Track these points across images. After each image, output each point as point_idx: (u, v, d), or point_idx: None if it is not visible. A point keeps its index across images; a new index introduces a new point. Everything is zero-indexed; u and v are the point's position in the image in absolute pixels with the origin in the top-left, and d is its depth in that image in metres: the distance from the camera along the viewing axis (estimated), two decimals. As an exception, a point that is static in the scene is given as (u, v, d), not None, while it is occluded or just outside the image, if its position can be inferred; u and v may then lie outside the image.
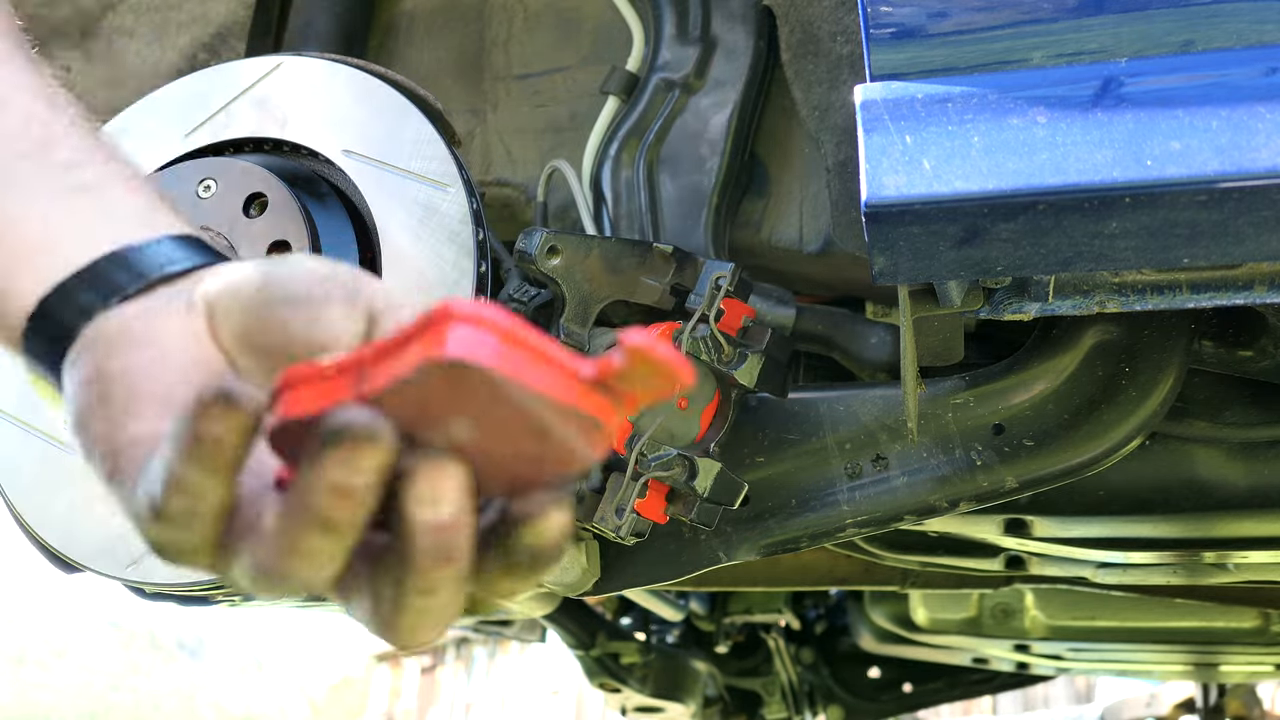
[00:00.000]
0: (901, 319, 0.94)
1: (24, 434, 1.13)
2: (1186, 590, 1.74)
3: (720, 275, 1.14)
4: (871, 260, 0.78)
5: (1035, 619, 2.20)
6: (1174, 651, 2.31)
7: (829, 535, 1.20)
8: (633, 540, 1.11)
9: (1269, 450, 1.30)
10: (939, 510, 1.17)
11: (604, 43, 1.43)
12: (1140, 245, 0.76)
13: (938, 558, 1.63)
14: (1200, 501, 1.32)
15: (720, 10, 1.34)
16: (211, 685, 21.37)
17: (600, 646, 2.37)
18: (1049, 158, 0.75)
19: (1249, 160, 0.73)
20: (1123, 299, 0.90)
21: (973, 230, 0.76)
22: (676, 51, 1.33)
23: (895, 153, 0.77)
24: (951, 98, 0.79)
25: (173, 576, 1.07)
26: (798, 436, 1.20)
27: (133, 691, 19.36)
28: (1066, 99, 0.78)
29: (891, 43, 0.82)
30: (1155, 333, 1.14)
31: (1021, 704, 7.45)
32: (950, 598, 2.18)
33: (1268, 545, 1.44)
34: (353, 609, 0.51)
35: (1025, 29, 0.81)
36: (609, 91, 1.34)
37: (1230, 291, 0.87)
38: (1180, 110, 0.75)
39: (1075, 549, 1.49)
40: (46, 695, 16.99)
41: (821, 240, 1.29)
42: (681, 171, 1.30)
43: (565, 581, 1.24)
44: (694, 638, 2.64)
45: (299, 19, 1.49)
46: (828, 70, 1.23)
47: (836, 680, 2.78)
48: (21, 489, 1.13)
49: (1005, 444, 1.16)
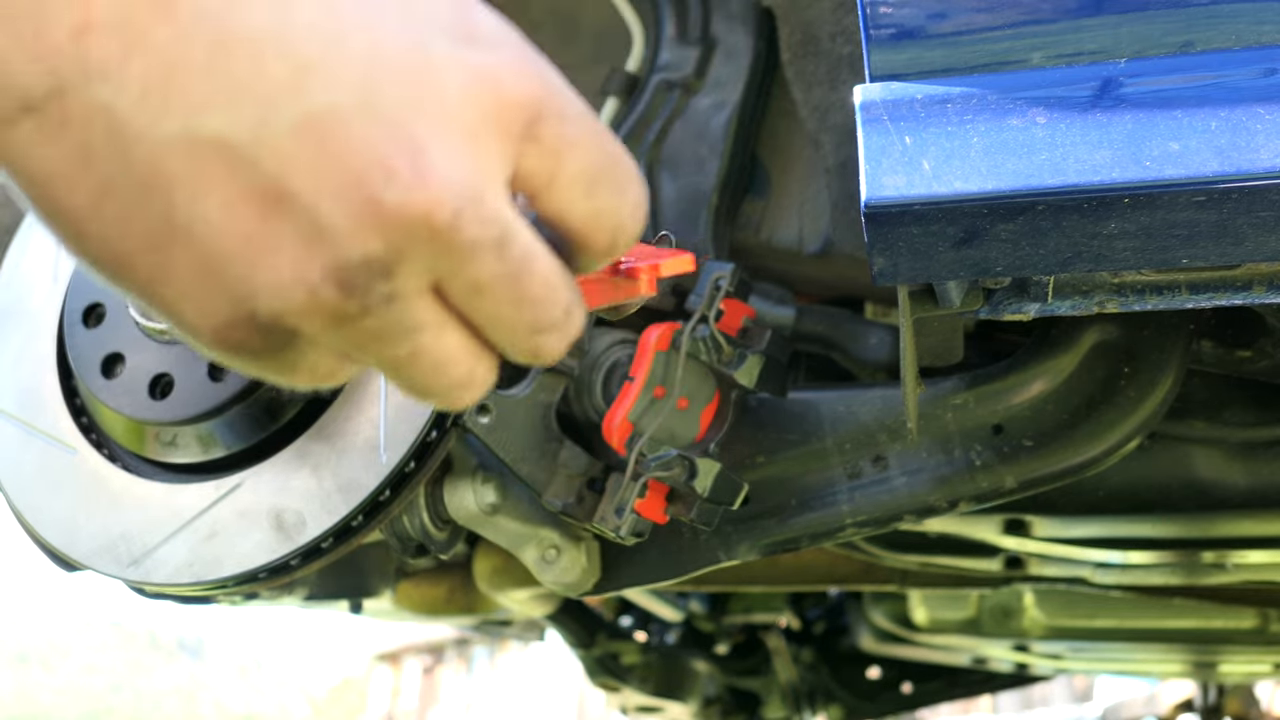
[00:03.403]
0: (901, 319, 0.94)
1: (25, 434, 1.14)
2: (1185, 590, 1.74)
3: (720, 276, 1.14)
4: (871, 260, 0.79)
5: (1034, 619, 2.20)
6: (1173, 651, 2.32)
7: (829, 535, 1.20)
8: (633, 540, 1.12)
9: (1268, 450, 1.30)
10: (938, 510, 1.18)
11: (604, 44, 1.44)
12: (1139, 246, 0.76)
13: (937, 558, 1.63)
14: (1199, 501, 1.32)
15: (720, 11, 1.34)
16: (212, 684, 21.41)
17: (600, 646, 2.37)
18: (1048, 158, 0.76)
19: (1248, 161, 0.73)
20: (1122, 299, 0.90)
21: (972, 231, 0.76)
22: (676, 52, 1.33)
23: (895, 153, 0.78)
24: (951, 98, 0.79)
25: (173, 576, 1.07)
26: (798, 436, 1.20)
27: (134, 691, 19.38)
28: (1066, 100, 0.78)
29: (891, 43, 0.82)
30: (1154, 333, 1.14)
31: (1021, 704, 7.46)
32: (950, 598, 2.18)
33: (1267, 545, 1.45)
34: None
35: (1025, 29, 0.82)
36: (609, 92, 1.34)
37: (1229, 292, 0.88)
38: (1179, 111, 0.76)
39: (1075, 549, 1.49)
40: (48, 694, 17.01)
41: (821, 241, 1.29)
42: (681, 172, 1.30)
43: (565, 581, 1.25)
44: (694, 638, 2.64)
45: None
46: (828, 71, 1.23)
47: (836, 680, 2.78)
48: (22, 488, 1.13)
49: (1004, 444, 1.16)
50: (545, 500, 1.11)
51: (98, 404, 1.11)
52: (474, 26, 0.45)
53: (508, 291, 0.46)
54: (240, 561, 1.06)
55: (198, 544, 1.07)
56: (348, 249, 0.42)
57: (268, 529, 1.05)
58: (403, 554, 1.23)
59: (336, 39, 0.41)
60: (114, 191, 0.41)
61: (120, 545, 1.09)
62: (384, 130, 0.42)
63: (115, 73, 0.39)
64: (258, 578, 1.07)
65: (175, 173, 0.41)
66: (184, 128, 0.40)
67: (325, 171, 0.41)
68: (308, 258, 0.42)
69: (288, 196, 0.41)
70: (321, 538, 1.05)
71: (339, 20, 0.42)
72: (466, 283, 0.45)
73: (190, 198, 0.41)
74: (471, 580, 1.72)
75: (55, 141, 0.40)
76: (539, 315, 0.47)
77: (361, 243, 0.42)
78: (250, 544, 1.05)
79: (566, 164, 0.47)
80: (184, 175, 0.41)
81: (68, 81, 0.39)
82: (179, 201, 0.41)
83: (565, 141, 0.46)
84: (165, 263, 0.42)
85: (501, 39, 0.46)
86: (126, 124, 0.40)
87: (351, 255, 0.42)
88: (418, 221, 0.42)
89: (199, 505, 1.07)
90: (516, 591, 1.74)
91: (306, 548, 1.05)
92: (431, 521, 1.22)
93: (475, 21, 0.45)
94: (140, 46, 0.39)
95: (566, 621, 2.30)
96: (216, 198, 0.41)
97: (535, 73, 0.46)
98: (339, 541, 1.06)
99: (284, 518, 1.05)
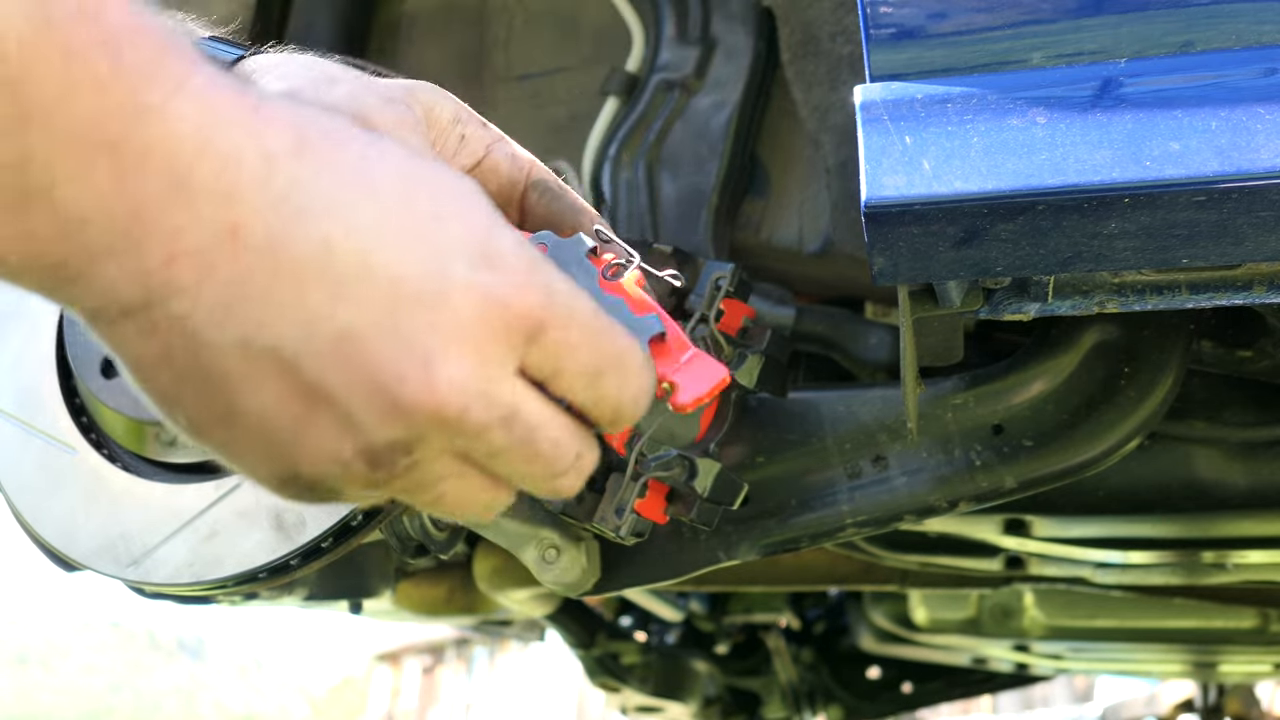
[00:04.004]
0: (901, 319, 0.94)
1: (25, 433, 1.14)
2: (1185, 590, 1.74)
3: (720, 276, 1.14)
4: (871, 260, 0.79)
5: (1034, 619, 2.20)
6: (1173, 651, 2.32)
7: (829, 535, 1.20)
8: (633, 540, 1.11)
9: (1268, 450, 1.30)
10: (938, 510, 1.17)
11: (604, 44, 1.44)
12: (1139, 246, 0.76)
13: (937, 558, 1.63)
14: (1199, 501, 1.32)
15: (720, 11, 1.34)
16: (212, 685, 21.41)
17: (600, 646, 2.37)
18: (1048, 158, 0.75)
19: (1248, 161, 0.73)
20: (1122, 299, 0.90)
21: (972, 230, 0.76)
22: (676, 52, 1.33)
23: (895, 153, 0.77)
24: (951, 98, 0.79)
25: (173, 576, 1.07)
26: (798, 436, 1.20)
27: (133, 691, 19.37)
28: (1066, 99, 0.78)
29: (891, 43, 0.82)
30: (1154, 333, 1.14)
31: (1021, 704, 7.46)
32: (950, 598, 2.18)
33: (1266, 545, 1.45)
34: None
35: (1025, 29, 0.82)
36: (609, 92, 1.34)
37: (1229, 292, 0.87)
38: (1179, 111, 0.76)
39: (1075, 549, 1.49)
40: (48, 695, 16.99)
41: (821, 240, 1.29)
42: (681, 172, 1.30)
43: (565, 581, 1.25)
44: (694, 638, 2.64)
45: (300, 20, 1.49)
46: (828, 71, 1.23)
47: (836, 680, 2.78)
48: (22, 488, 1.13)
49: (1004, 444, 1.16)
50: (545, 500, 1.11)
51: (97, 404, 1.11)
52: (492, 249, 0.55)
53: (519, 453, 0.57)
54: (240, 561, 1.06)
55: (198, 544, 1.07)
56: (374, 436, 0.53)
57: (268, 529, 1.05)
58: (403, 554, 1.23)
59: (368, 271, 0.52)
60: (190, 381, 0.52)
61: (120, 545, 1.09)
62: (403, 346, 0.52)
63: (190, 294, 0.50)
64: (258, 577, 1.07)
65: (236, 372, 0.52)
66: (243, 339, 0.51)
67: (356, 378, 0.52)
68: (342, 440, 0.53)
69: (325, 395, 0.52)
70: (321, 537, 1.05)
71: (372, 254, 0.52)
72: (481, 451, 0.56)
73: (248, 392, 0.52)
74: (471, 580, 1.73)
75: (146, 339, 0.51)
76: (550, 466, 0.58)
77: (386, 431, 0.53)
78: (250, 544, 1.05)
79: (567, 364, 0.57)
80: (243, 375, 0.52)
81: (155, 297, 0.50)
82: (239, 393, 0.52)
83: (566, 346, 0.57)
84: (231, 435, 0.54)
85: (514, 260, 0.55)
86: (198, 332, 0.51)
87: (377, 440, 0.53)
88: (431, 416, 0.53)
89: (199, 505, 1.07)
90: (516, 591, 1.74)
91: (306, 548, 1.05)
92: (431, 521, 1.22)
93: (494, 244, 0.55)
94: (211, 276, 0.50)
95: (566, 621, 2.30)
96: (269, 392, 0.52)
97: (542, 288, 0.56)
98: (339, 541, 1.06)
99: (284, 517, 1.05)
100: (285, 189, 0.50)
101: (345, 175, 0.52)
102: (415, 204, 0.54)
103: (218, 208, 0.49)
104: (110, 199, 0.48)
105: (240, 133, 0.50)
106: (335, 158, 0.52)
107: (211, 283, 0.50)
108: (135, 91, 0.48)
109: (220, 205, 0.49)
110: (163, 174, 0.48)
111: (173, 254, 0.49)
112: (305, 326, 0.51)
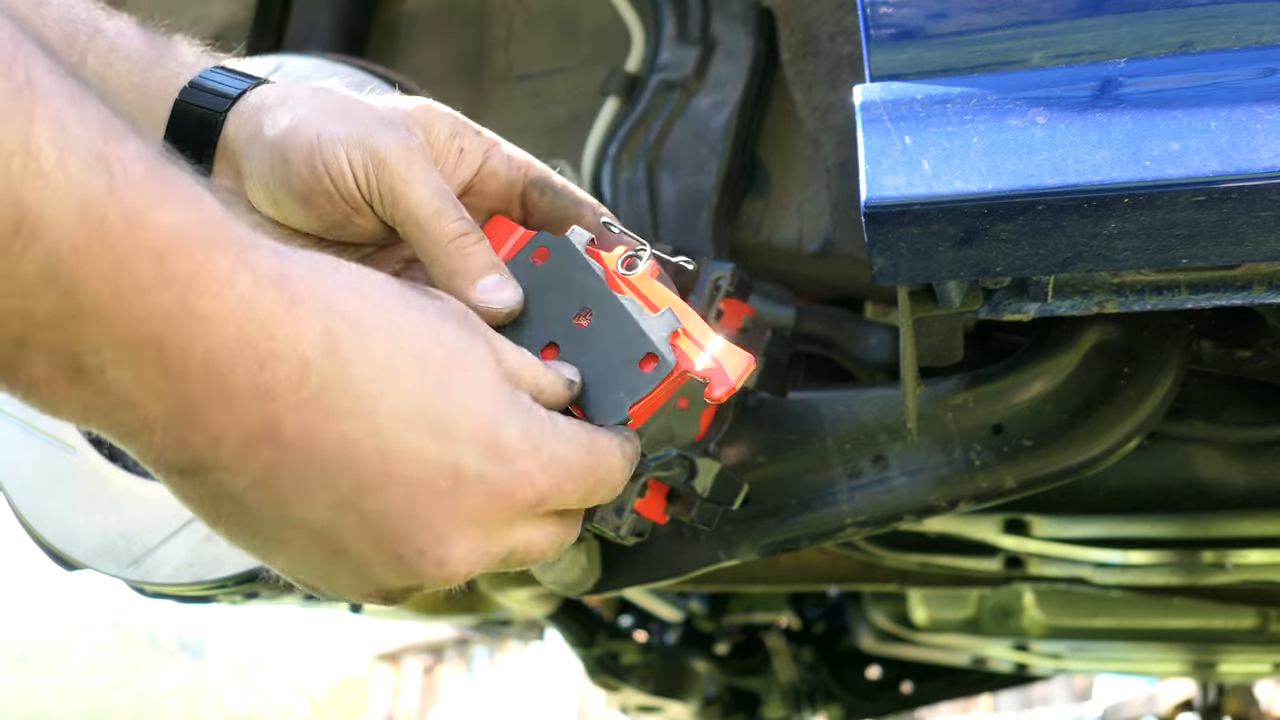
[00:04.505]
0: (901, 319, 0.94)
1: (25, 433, 1.14)
2: (1185, 590, 1.74)
3: (720, 275, 1.14)
4: (871, 260, 0.79)
5: (1034, 619, 2.20)
6: (1173, 651, 2.32)
7: (829, 535, 1.20)
8: (633, 540, 1.11)
9: (1268, 450, 1.30)
10: (938, 510, 1.18)
11: (604, 44, 1.44)
12: (1139, 246, 0.76)
13: (937, 557, 1.63)
14: (1199, 501, 1.32)
15: (720, 11, 1.34)
16: (212, 684, 21.38)
17: (600, 646, 2.37)
18: (1048, 158, 0.76)
19: (1248, 161, 0.73)
20: (1122, 299, 0.90)
21: (972, 230, 0.76)
22: (676, 52, 1.33)
23: (895, 153, 0.78)
24: (951, 98, 0.79)
25: (174, 576, 1.07)
26: (798, 436, 1.20)
27: (134, 691, 19.34)
28: (1066, 100, 0.78)
29: (891, 43, 0.82)
30: (1154, 333, 1.14)
31: (1021, 704, 7.46)
32: (949, 597, 2.18)
33: (1266, 545, 1.45)
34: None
35: (1025, 29, 0.82)
36: (609, 92, 1.34)
37: (1229, 292, 0.88)
38: (1179, 111, 0.76)
39: (1074, 549, 1.49)
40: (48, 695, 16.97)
41: (821, 240, 1.29)
42: (681, 172, 1.30)
43: (565, 581, 1.25)
44: (694, 638, 2.64)
45: (300, 20, 1.49)
46: (828, 71, 1.23)
47: (836, 680, 2.78)
48: (23, 488, 1.13)
49: (1004, 444, 1.16)
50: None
51: (98, 404, 1.11)
52: (500, 442, 0.63)
53: (516, 564, 0.68)
54: (240, 561, 1.06)
55: (198, 544, 1.07)
56: (390, 585, 0.64)
57: (268, 529, 1.05)
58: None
59: (387, 467, 0.60)
60: (236, 529, 0.61)
61: (120, 545, 1.09)
62: (421, 528, 0.61)
63: (232, 469, 0.57)
64: (258, 577, 1.07)
65: (272, 535, 0.61)
66: (279, 511, 0.59)
67: (379, 550, 0.62)
68: (361, 584, 0.64)
69: (350, 556, 0.62)
70: (322, 537, 1.04)
71: (390, 450, 0.59)
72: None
73: (282, 546, 0.62)
74: (472, 580, 1.72)
75: (197, 492, 0.59)
76: (544, 559, 0.68)
77: (401, 584, 0.64)
78: (250, 544, 1.05)
79: (562, 504, 0.67)
80: (278, 536, 0.61)
81: (202, 465, 0.57)
82: (275, 546, 0.62)
83: (561, 498, 0.66)
84: (266, 559, 0.64)
85: (520, 450, 0.63)
86: (238, 498, 0.59)
87: (393, 588, 0.65)
88: (442, 582, 0.64)
89: (199, 505, 1.07)
90: (516, 591, 1.74)
91: (307, 547, 1.05)
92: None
93: (502, 437, 0.63)
94: (249, 459, 0.57)
95: (566, 621, 2.31)
96: (299, 547, 0.62)
97: (542, 470, 0.64)
98: (339, 541, 1.06)
99: (284, 517, 1.05)
100: (317, 390, 0.57)
101: (371, 369, 0.59)
102: (429, 399, 0.61)
103: (256, 404, 0.56)
104: (156, 387, 0.54)
105: (278, 333, 0.56)
106: (363, 348, 0.59)
107: (250, 466, 0.57)
108: (181, 297, 0.53)
109: (258, 402, 0.56)
110: (205, 376, 0.54)
111: (215, 438, 0.56)
112: (333, 510, 0.60)
